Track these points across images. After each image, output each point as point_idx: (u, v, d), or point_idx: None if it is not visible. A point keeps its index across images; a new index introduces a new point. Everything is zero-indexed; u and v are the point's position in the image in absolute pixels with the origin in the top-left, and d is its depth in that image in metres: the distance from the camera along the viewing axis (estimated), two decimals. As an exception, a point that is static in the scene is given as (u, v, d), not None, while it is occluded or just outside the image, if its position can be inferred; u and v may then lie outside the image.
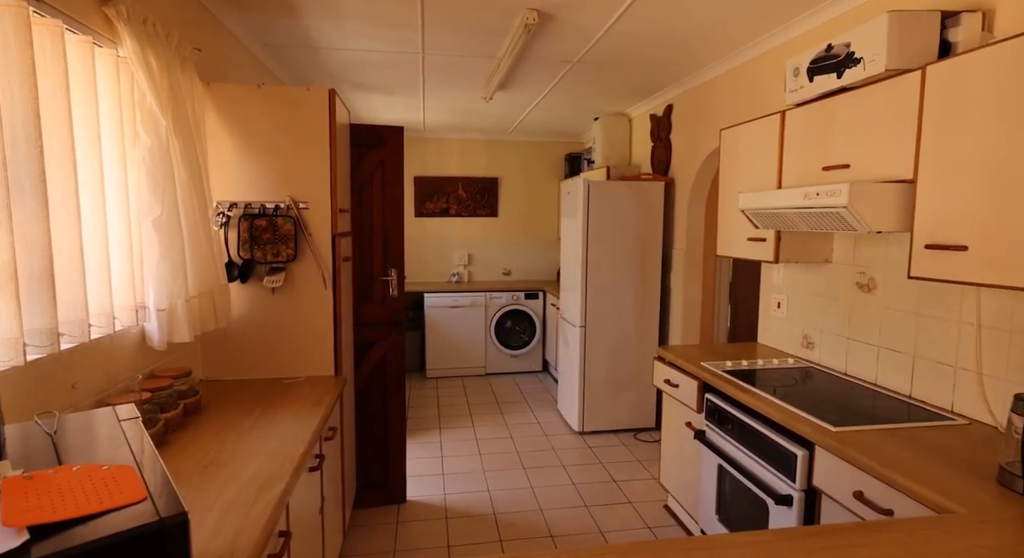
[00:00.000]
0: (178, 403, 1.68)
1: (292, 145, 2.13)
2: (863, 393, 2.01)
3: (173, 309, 1.70)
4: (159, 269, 1.66)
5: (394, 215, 2.76)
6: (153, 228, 1.64)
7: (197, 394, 1.81)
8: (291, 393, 2.00)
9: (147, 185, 1.62)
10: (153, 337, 1.69)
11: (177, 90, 1.75)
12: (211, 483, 1.28)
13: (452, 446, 3.60)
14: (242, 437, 1.58)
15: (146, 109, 1.62)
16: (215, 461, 1.41)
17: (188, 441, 1.54)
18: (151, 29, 1.67)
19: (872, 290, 2.15)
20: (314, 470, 1.69)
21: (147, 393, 1.56)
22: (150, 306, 1.68)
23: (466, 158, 5.57)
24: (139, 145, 1.62)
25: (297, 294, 2.19)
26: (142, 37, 1.61)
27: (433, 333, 5.05)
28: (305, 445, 1.53)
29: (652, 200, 3.72)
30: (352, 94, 3.88)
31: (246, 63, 2.74)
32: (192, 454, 1.45)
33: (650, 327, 3.81)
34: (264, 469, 1.36)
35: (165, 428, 1.58)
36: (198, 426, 1.66)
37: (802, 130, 2.10)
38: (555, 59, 3.05)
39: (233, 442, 1.54)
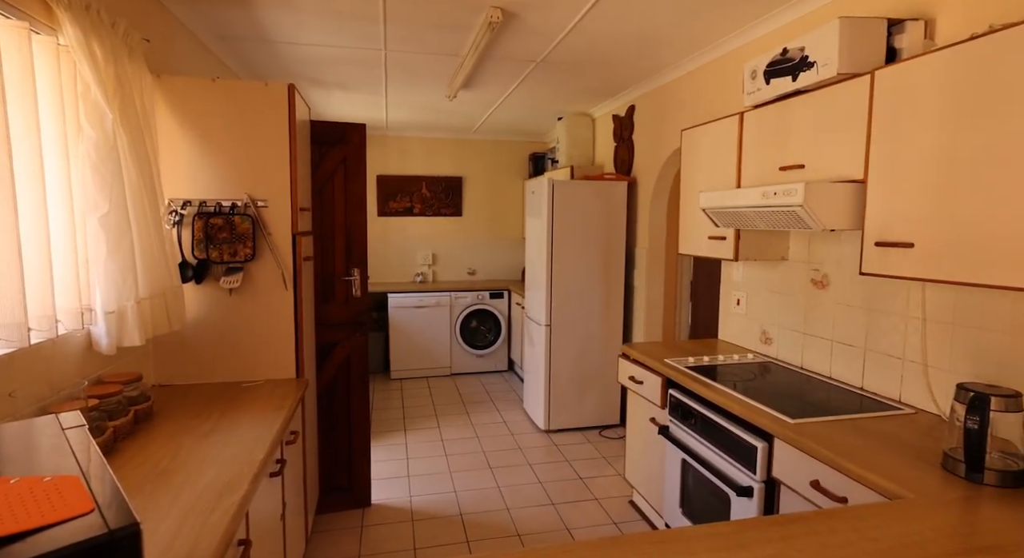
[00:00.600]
0: (128, 410, 1.60)
1: (249, 141, 2.06)
2: (818, 386, 2.09)
3: (122, 311, 1.62)
4: (107, 269, 1.58)
5: (357, 214, 2.70)
6: (100, 226, 1.56)
7: (149, 400, 1.72)
8: (250, 397, 1.93)
9: (93, 181, 1.54)
10: (101, 341, 1.60)
11: (124, 81, 1.67)
12: (165, 491, 1.22)
13: (418, 448, 3.56)
14: (198, 443, 1.51)
15: (90, 101, 1.54)
16: (169, 468, 1.34)
17: (139, 449, 1.46)
18: (95, 16, 1.58)
19: (826, 286, 2.23)
20: (275, 476, 1.64)
21: (94, 400, 1.48)
22: (97, 309, 1.59)
23: (430, 157, 5.52)
24: (83, 139, 1.53)
25: (256, 295, 2.12)
26: (85, 24, 1.52)
27: (397, 334, 4.99)
28: (266, 450, 1.48)
29: (615, 199, 3.77)
30: (310, 90, 3.78)
31: (199, 56, 2.64)
32: (144, 462, 1.38)
33: (614, 325, 3.86)
34: (222, 475, 1.31)
35: (114, 436, 1.50)
36: (151, 433, 1.59)
37: (760, 131, 2.16)
38: (519, 58, 3.06)
39: (189, 448, 1.47)
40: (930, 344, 1.80)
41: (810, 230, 1.85)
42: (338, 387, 2.75)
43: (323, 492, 2.75)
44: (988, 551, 1.03)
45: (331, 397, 2.73)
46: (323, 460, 2.73)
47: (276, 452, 1.64)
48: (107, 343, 1.60)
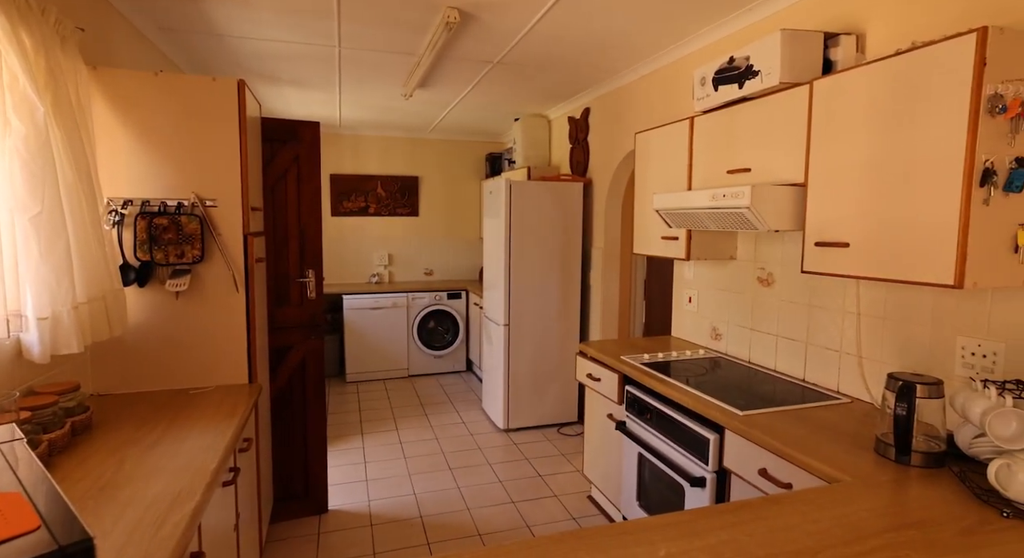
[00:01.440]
0: (64, 422, 1.51)
1: (197, 139, 1.98)
2: (765, 379, 2.19)
3: (57, 317, 1.53)
4: (39, 273, 1.49)
5: (311, 213, 2.64)
6: (31, 227, 1.47)
7: (87, 410, 1.63)
8: (200, 404, 1.86)
9: (22, 178, 1.45)
10: (33, 349, 1.51)
11: (57, 73, 1.58)
12: (109, 507, 1.16)
13: (375, 451, 3.51)
14: (145, 454, 1.45)
15: (19, 93, 1.44)
16: (113, 482, 1.28)
17: (79, 463, 1.39)
18: (22, 3, 1.48)
19: (771, 284, 2.35)
20: (228, 485, 1.59)
21: (26, 412, 1.39)
22: (28, 314, 1.49)
23: (385, 156, 5.44)
24: (11, 133, 1.44)
25: (205, 298, 2.04)
26: (11, 11, 1.43)
27: (353, 336, 4.90)
28: (219, 458, 1.43)
29: (571, 200, 3.83)
30: (261, 86, 3.66)
31: (140, 48, 2.51)
32: (84, 476, 1.31)
33: (571, 323, 3.92)
34: (172, 486, 1.26)
35: (49, 450, 1.41)
36: (91, 445, 1.50)
37: (709, 135, 2.25)
38: (476, 59, 3.06)
39: (135, 460, 1.40)
40: (864, 337, 1.92)
41: (756, 231, 1.94)
42: (293, 391, 2.68)
43: (278, 500, 2.68)
44: (914, 526, 1.12)
45: (286, 402, 2.66)
46: (278, 467, 2.66)
47: (229, 460, 1.58)
48: (40, 351, 1.51)
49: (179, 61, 3.04)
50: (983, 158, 1.32)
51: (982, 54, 1.29)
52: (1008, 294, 1.50)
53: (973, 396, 1.31)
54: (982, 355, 1.56)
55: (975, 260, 1.35)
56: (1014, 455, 1.18)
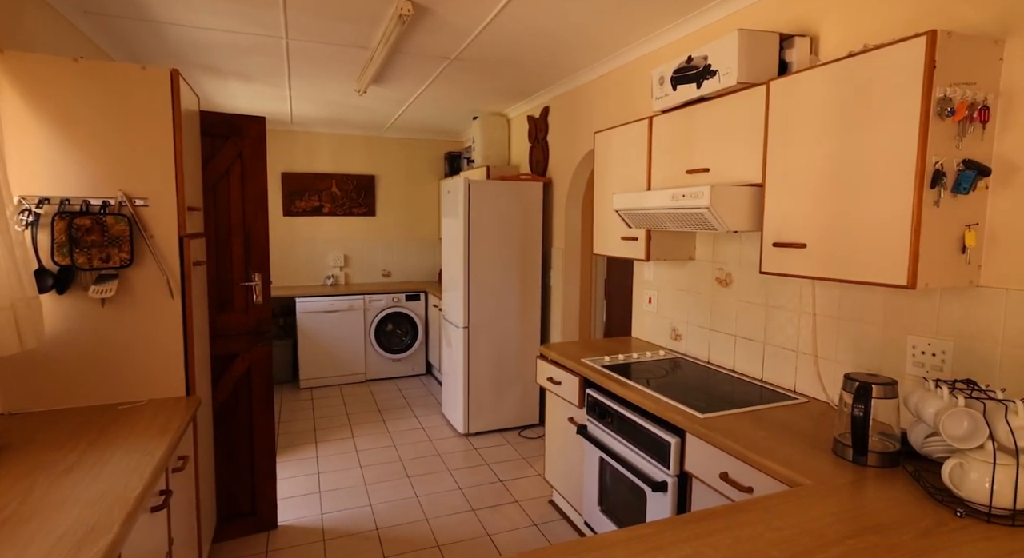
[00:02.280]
0: (-34, 446, 1.35)
1: (124, 132, 1.82)
2: (724, 380, 2.19)
3: (-44, 329, 1.36)
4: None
5: (256, 213, 2.49)
6: (-78, 228, 1.30)
7: (-5, 432, 1.47)
8: (129, 421, 1.71)
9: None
10: (-74, 366, 1.34)
11: (-44, 56, 1.41)
12: (7, 545, 1.03)
13: (330, 461, 3.37)
14: (58, 480, 1.30)
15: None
16: (16, 515, 1.14)
17: None
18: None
19: (729, 285, 2.35)
20: (159, 510, 1.45)
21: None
22: (-80, 327, 1.32)
23: (340, 154, 5.26)
24: None
25: (136, 305, 1.88)
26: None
27: (307, 340, 4.71)
28: (144, 482, 1.30)
29: (531, 200, 3.78)
30: (202, 78, 3.46)
31: (63, 35, 2.31)
32: (-16, 510, 1.16)
33: (532, 325, 3.87)
34: (86, 519, 1.13)
35: (-54, 480, 1.25)
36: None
37: (668, 135, 2.23)
38: (432, 54, 2.97)
39: (45, 488, 1.26)
40: (820, 337, 1.94)
41: (715, 231, 1.93)
42: (239, 402, 2.52)
43: (223, 518, 2.52)
44: (875, 531, 1.11)
45: (230, 414, 2.50)
46: (222, 483, 2.50)
47: (159, 483, 1.45)
48: (-64, 368, 1.34)
49: (111, 50, 2.83)
50: (933, 160, 1.33)
51: (931, 57, 1.30)
52: (956, 294, 1.53)
53: (926, 396, 1.32)
54: (932, 353, 1.59)
55: (926, 261, 1.36)
56: (966, 454, 1.19)
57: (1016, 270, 1.40)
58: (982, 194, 1.43)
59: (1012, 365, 1.41)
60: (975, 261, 1.45)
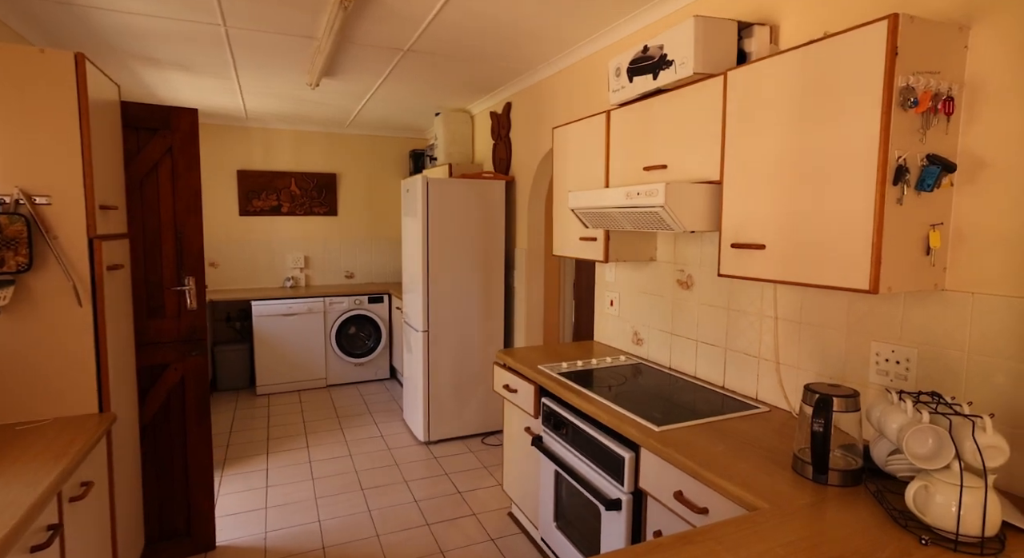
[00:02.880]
0: None
1: (20, 122, 1.63)
2: (685, 387, 2.09)
3: None
4: None
5: (189, 213, 2.31)
6: None
7: None
8: (23, 443, 1.53)
9: None
10: None
11: None
12: None
13: (280, 473, 3.19)
14: None
15: None
16: None
17: None
18: None
19: (690, 287, 2.25)
20: (41, 548, 1.28)
21: None
22: None
23: (300, 152, 5.05)
24: None
25: (37, 314, 1.69)
26: None
27: (263, 345, 4.50)
28: (16, 520, 1.13)
29: (494, 199, 3.65)
30: (142, 69, 3.24)
31: (-35, 12, 2.10)
32: None
33: (495, 328, 3.74)
34: None
35: None
36: None
37: (625, 130, 2.12)
38: (383, 45, 2.81)
39: None
40: (781, 343, 1.85)
41: (674, 232, 1.82)
42: (171, 416, 2.34)
43: (154, 541, 2.33)
44: (834, 562, 1.00)
45: (162, 428, 2.32)
46: (152, 502, 2.31)
47: (43, 517, 1.28)
48: None
49: (32, 36, 2.61)
50: (896, 155, 1.24)
51: (893, 43, 1.20)
52: (920, 298, 1.44)
53: (889, 410, 1.23)
54: (895, 361, 1.50)
55: (889, 263, 1.27)
56: (931, 475, 1.10)
57: (982, 273, 1.31)
58: (947, 192, 1.35)
59: (978, 375, 1.32)
60: (940, 263, 1.37)
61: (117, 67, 3.20)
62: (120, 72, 3.31)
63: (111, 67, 3.18)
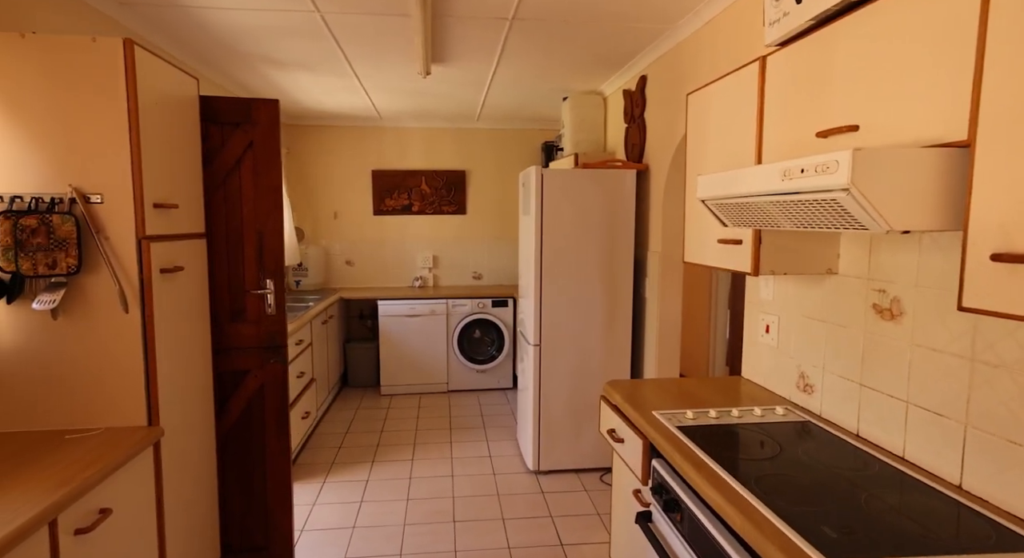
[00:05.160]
0: None
1: (74, 117, 1.55)
2: (884, 476, 1.34)
3: None
4: None
5: (270, 213, 2.16)
6: None
7: None
8: (61, 456, 1.42)
9: None
10: None
11: None
12: None
13: (379, 488, 3.00)
14: None
15: None
16: None
17: None
18: None
19: (897, 317, 1.47)
20: (11, 600, 1.10)
21: None
22: None
23: (430, 149, 4.96)
24: None
25: (89, 317, 1.61)
26: None
27: (388, 345, 4.46)
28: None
29: (622, 192, 3.06)
30: (272, 72, 3.29)
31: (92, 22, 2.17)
32: None
33: (620, 346, 3.16)
34: None
35: None
36: None
37: (789, 80, 1.44)
38: (484, 15, 2.42)
39: None
40: (1083, 431, 1.04)
41: (868, 231, 1.12)
42: (252, 426, 2.22)
43: (233, 551, 2.24)
44: None
45: (243, 437, 2.21)
46: (234, 514, 2.22)
47: None
48: None
49: (166, 46, 2.72)
50: None
51: None
52: None
53: None
54: None
55: None
56: None
57: None
58: None
59: None
60: None
61: (249, 72, 3.29)
62: (253, 77, 3.41)
63: (243, 72, 3.28)
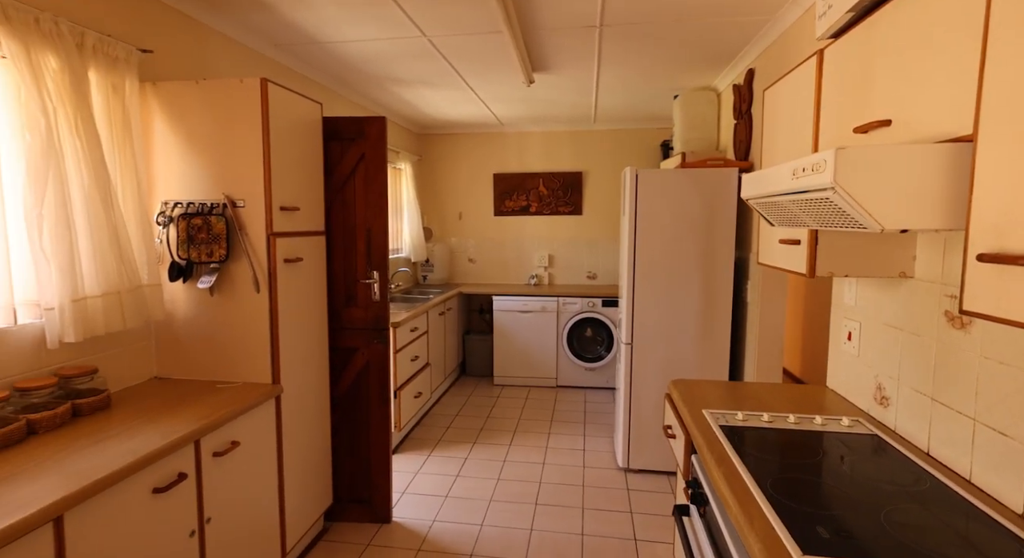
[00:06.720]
0: (60, 403, 1.65)
1: (228, 140, 2.03)
2: (930, 495, 1.22)
3: (62, 309, 1.68)
4: (43, 268, 1.65)
5: (377, 213, 2.54)
6: (35, 228, 1.63)
7: (100, 393, 1.78)
8: (209, 399, 1.89)
9: (33, 187, 1.62)
10: (48, 335, 1.69)
11: (82, 89, 1.74)
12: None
13: (475, 465, 3.28)
14: (89, 446, 1.47)
15: (29, 109, 1.61)
16: (15, 474, 1.31)
17: (36, 447, 1.48)
18: (49, 27, 1.66)
19: (967, 325, 1.32)
20: (163, 491, 1.53)
21: (4, 393, 1.55)
22: (41, 304, 1.68)
23: (549, 152, 5.16)
24: (24, 145, 1.62)
25: (235, 296, 2.09)
26: (28, 37, 1.60)
27: (502, 338, 4.77)
28: (123, 464, 1.37)
29: (723, 192, 2.96)
30: (399, 90, 3.77)
31: (261, 65, 2.75)
32: (3, 465, 1.37)
33: (716, 350, 3.04)
34: (38, 493, 1.22)
35: (28, 428, 1.55)
36: (78, 429, 1.61)
37: (837, 73, 1.37)
38: (571, 26, 2.55)
39: (74, 450, 1.44)
40: None
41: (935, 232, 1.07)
42: (359, 395, 2.63)
43: (343, 501, 2.66)
44: None
45: (352, 405, 2.63)
46: (344, 468, 2.65)
47: (164, 464, 1.53)
48: (48, 338, 1.68)
49: (306, 72, 3.29)
50: None
51: None
52: None
53: None
54: None
55: None
56: None
57: None
58: None
59: None
60: None
61: (380, 91, 3.80)
62: (384, 95, 3.92)
63: (375, 91, 3.80)
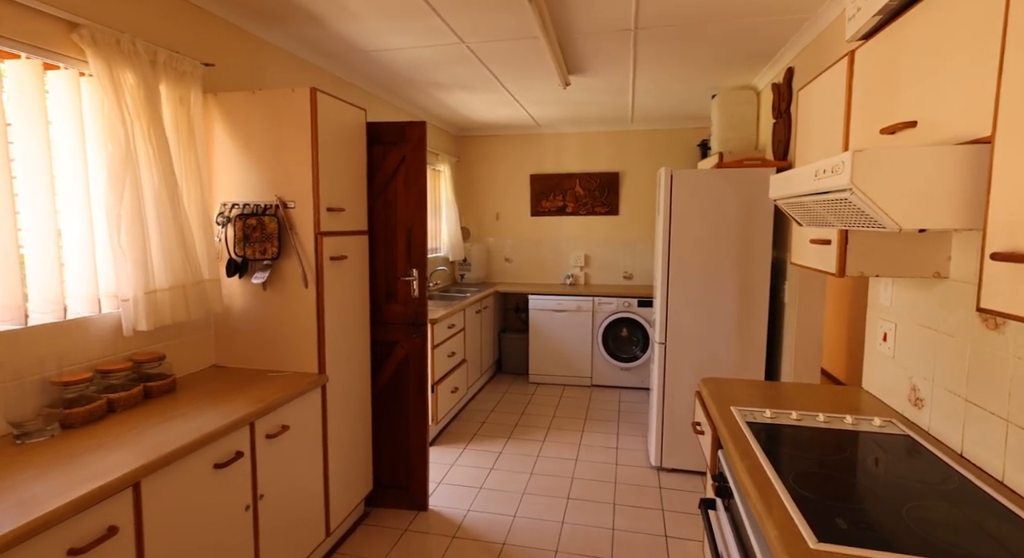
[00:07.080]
0: (134, 385, 1.83)
1: (281, 146, 2.18)
2: (957, 493, 1.23)
3: (136, 300, 1.86)
4: (119, 264, 1.83)
5: (416, 213, 2.65)
6: (115, 227, 1.81)
7: (167, 378, 1.95)
8: (261, 386, 2.04)
9: (111, 191, 1.80)
10: (124, 323, 1.87)
11: (154, 103, 1.91)
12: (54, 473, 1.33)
13: (509, 459, 3.37)
14: (160, 423, 1.64)
15: (111, 120, 1.79)
16: (99, 445, 1.47)
17: (116, 423, 1.65)
18: (128, 47, 1.84)
19: (1001, 326, 1.31)
20: (223, 466, 1.67)
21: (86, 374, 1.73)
22: (118, 296, 1.86)
23: (586, 153, 5.19)
24: (104, 153, 1.80)
25: (285, 291, 2.24)
26: (111, 57, 1.78)
27: (537, 337, 4.84)
28: (186, 441, 1.52)
29: (759, 192, 2.94)
30: (440, 94, 3.89)
31: (309, 73, 2.92)
32: (89, 437, 1.54)
33: (752, 351, 3.03)
34: (120, 462, 1.38)
35: (108, 406, 1.73)
36: (149, 409, 1.78)
37: (867, 74, 1.39)
38: (606, 29, 2.60)
39: (147, 427, 1.61)
40: None
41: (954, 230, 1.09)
42: (398, 387, 2.75)
43: (383, 487, 2.80)
44: None
45: (392, 396, 2.76)
46: (384, 456, 2.78)
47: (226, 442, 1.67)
48: (124, 326, 1.86)
49: (353, 79, 3.44)
50: None
51: None
52: None
53: None
54: None
55: None
56: None
57: None
58: None
59: None
60: None
61: (422, 96, 3.94)
62: (426, 99, 4.05)
63: (418, 96, 3.94)
